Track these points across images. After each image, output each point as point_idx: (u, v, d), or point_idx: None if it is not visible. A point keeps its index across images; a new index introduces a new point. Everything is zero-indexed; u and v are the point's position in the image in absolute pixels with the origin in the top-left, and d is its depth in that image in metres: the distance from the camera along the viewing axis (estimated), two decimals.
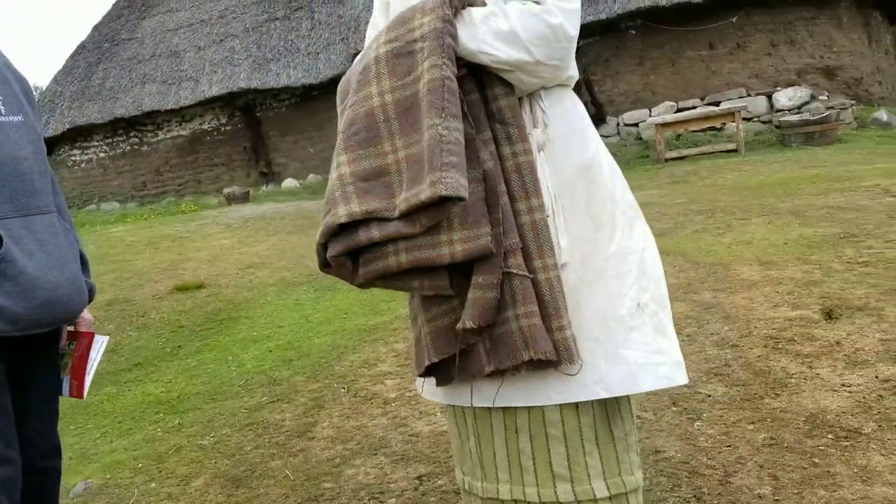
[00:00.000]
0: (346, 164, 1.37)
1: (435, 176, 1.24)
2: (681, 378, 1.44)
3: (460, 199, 1.24)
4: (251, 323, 4.99)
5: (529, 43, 1.38)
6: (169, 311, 5.48)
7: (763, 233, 5.06)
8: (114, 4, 19.15)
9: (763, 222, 5.41)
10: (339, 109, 1.47)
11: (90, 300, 1.80)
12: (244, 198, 13.54)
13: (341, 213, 1.32)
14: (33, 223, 1.59)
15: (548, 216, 1.42)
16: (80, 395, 1.85)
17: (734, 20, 11.65)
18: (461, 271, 1.37)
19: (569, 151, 1.50)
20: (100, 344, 1.86)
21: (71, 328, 1.84)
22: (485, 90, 1.45)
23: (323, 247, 1.37)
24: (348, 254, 1.36)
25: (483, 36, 1.38)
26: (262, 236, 8.46)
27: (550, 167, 1.47)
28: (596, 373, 1.43)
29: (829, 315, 3.26)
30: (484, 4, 1.42)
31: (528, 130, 1.47)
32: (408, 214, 1.29)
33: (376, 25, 1.65)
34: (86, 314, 1.84)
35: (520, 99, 1.48)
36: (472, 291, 1.33)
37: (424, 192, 1.24)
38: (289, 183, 15.07)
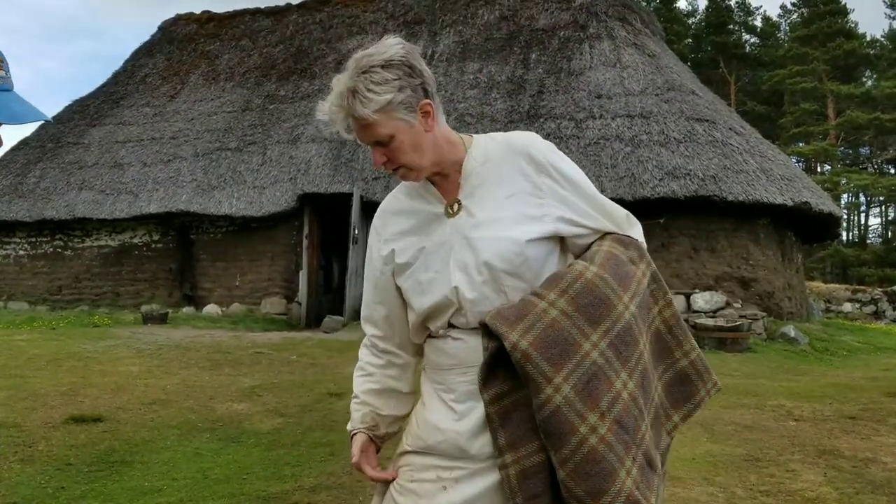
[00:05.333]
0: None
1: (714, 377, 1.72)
2: None
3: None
4: (145, 470, 4.74)
5: None
6: (60, 444, 5.17)
7: (674, 444, 5.15)
8: (66, 107, 19.23)
9: None
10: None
11: None
12: (162, 318, 13.19)
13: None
14: None
15: None
16: None
17: (661, 221, 12.38)
18: None
19: None
20: None
21: None
22: None
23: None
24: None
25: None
26: (174, 368, 8.19)
27: None
28: None
29: None
30: None
31: None
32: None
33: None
34: None
35: None
36: None
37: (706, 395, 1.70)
38: (211, 309, 14.80)
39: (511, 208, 1.61)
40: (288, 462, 4.86)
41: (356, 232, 13.57)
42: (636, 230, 1.72)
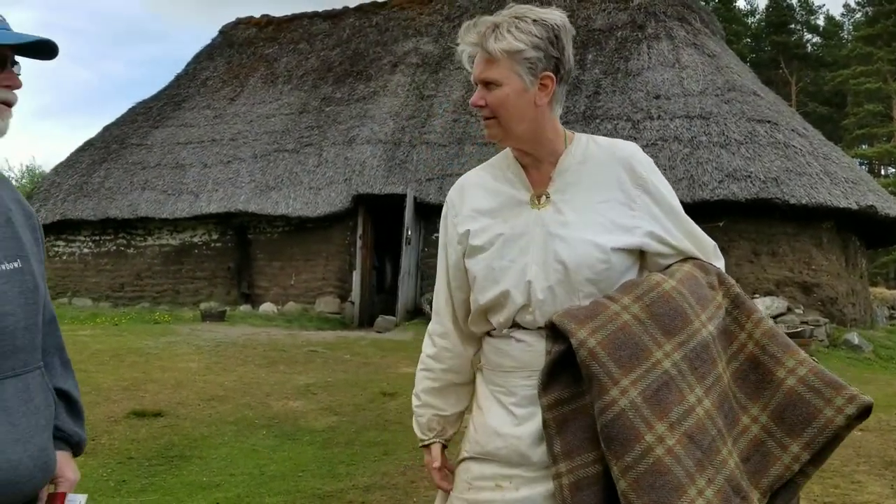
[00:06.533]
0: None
1: (849, 392, 1.42)
2: None
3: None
4: (203, 465, 4.83)
5: None
6: (121, 438, 5.30)
7: None
8: (130, 109, 19.75)
9: None
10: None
11: (80, 452, 1.66)
12: (220, 316, 13.43)
13: None
14: (2, 388, 1.44)
15: None
16: None
17: (721, 224, 12.12)
18: None
19: None
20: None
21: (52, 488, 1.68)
22: None
23: None
24: None
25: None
26: (231, 365, 8.33)
27: None
28: None
29: None
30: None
31: None
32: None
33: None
34: (70, 474, 1.63)
35: None
36: None
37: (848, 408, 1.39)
38: (267, 307, 15.03)
39: (602, 214, 1.59)
40: (342, 461, 4.90)
41: (409, 233, 13.62)
42: (720, 263, 1.68)
